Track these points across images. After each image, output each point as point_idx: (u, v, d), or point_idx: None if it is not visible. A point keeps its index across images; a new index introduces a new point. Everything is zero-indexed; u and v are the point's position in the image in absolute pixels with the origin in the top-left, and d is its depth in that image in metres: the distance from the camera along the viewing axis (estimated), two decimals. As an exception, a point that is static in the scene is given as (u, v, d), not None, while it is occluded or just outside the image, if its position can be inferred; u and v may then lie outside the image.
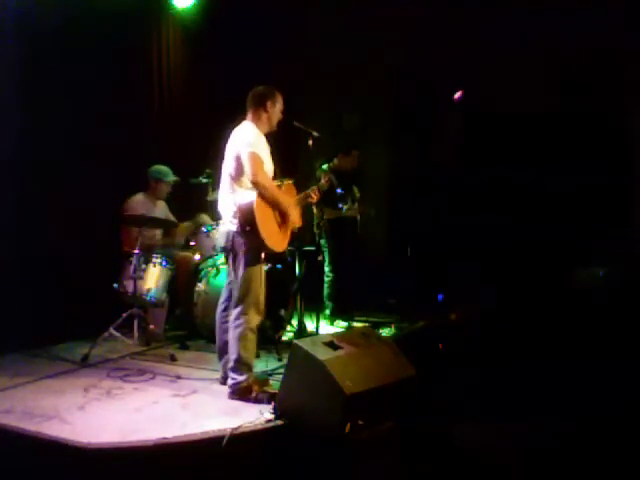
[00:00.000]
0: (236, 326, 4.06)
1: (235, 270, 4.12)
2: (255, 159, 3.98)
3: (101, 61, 5.60)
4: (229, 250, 4.17)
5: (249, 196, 4.01)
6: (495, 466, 3.66)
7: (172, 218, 5.84)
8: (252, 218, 3.95)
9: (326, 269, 6.35)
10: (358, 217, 6.50)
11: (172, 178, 5.71)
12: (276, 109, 4.25)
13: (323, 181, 4.71)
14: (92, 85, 5.51)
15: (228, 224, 4.13)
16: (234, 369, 4.05)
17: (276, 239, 4.13)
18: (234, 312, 4.09)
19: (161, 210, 5.77)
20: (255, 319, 4.09)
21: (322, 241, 6.17)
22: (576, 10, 6.86)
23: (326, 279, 6.37)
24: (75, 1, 5.34)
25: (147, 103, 6.33)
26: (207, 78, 6.78)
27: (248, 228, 3.97)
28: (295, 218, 4.28)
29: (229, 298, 4.23)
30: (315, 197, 4.52)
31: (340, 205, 6.19)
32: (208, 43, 6.77)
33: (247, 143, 4.04)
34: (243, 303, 4.06)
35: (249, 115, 4.24)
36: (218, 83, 6.78)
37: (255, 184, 3.98)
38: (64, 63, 5.31)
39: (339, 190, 5.66)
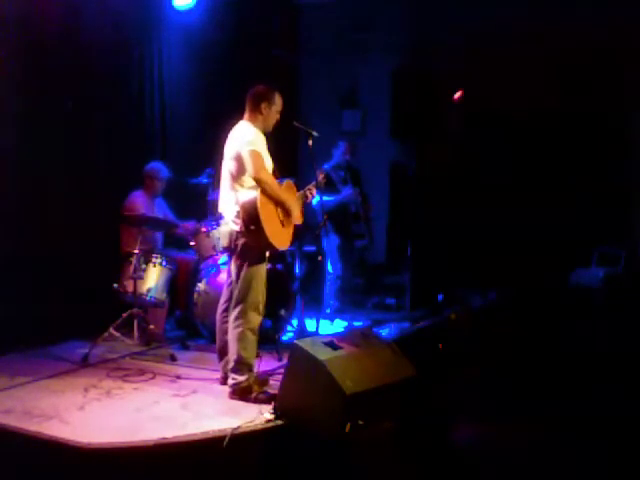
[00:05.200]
0: (236, 326, 4.05)
1: (237, 270, 4.12)
2: (256, 156, 4.00)
3: (101, 60, 5.60)
4: (232, 250, 4.17)
5: (251, 194, 4.01)
6: (495, 466, 3.65)
7: (171, 215, 5.84)
8: (256, 216, 3.94)
9: (328, 267, 6.36)
10: (358, 197, 6.51)
11: (166, 174, 5.70)
12: (272, 111, 4.22)
13: (320, 178, 4.72)
14: (92, 85, 5.51)
15: (231, 224, 4.13)
16: (234, 369, 4.04)
17: (280, 237, 4.13)
18: (234, 312, 4.08)
19: (160, 208, 5.76)
20: (255, 319, 4.08)
21: (324, 241, 6.16)
22: (576, 10, 6.87)
23: (328, 277, 6.38)
24: (75, 1, 5.34)
25: (147, 103, 6.31)
26: (207, 78, 6.77)
27: (253, 227, 3.96)
28: (297, 214, 4.30)
29: (230, 299, 4.21)
30: (310, 196, 4.53)
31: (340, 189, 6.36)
32: (208, 43, 6.77)
33: (247, 142, 4.05)
34: (243, 303, 4.05)
35: (246, 114, 4.25)
36: (218, 83, 6.78)
37: (257, 181, 3.99)
38: (64, 62, 5.30)
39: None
